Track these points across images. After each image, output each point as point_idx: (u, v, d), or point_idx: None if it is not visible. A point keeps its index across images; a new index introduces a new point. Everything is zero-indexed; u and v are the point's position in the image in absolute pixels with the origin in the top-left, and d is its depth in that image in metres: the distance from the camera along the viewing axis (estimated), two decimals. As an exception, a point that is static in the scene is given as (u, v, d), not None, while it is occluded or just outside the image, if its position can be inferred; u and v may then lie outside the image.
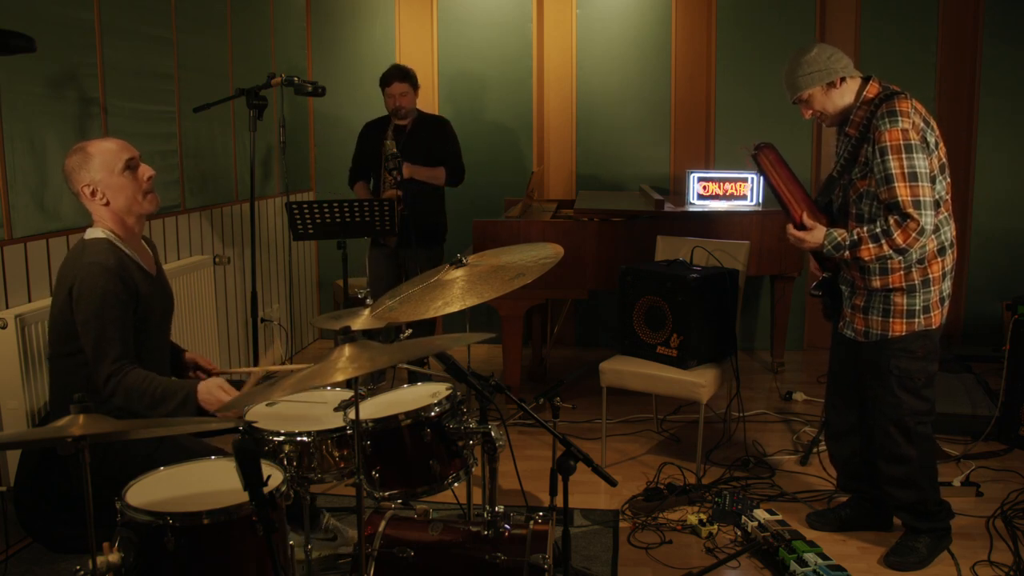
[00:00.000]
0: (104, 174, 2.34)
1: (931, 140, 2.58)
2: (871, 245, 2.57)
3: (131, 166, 2.38)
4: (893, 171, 2.52)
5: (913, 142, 2.52)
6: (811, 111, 2.73)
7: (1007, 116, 5.08)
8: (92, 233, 2.39)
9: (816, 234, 2.69)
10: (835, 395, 2.97)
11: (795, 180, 2.78)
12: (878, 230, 2.56)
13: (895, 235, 2.53)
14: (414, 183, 4.16)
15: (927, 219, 2.51)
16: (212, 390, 2.31)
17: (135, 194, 2.39)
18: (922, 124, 2.57)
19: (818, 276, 2.91)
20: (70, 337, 2.32)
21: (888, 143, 2.53)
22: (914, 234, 2.51)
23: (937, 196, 2.59)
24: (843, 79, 2.66)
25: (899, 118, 2.54)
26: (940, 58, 5.12)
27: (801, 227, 2.73)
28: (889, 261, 2.62)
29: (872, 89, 2.66)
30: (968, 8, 5.05)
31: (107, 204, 2.37)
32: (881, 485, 2.84)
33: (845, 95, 2.68)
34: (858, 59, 5.13)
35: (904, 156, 2.52)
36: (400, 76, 4.27)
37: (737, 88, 5.29)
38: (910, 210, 2.50)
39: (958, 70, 5.11)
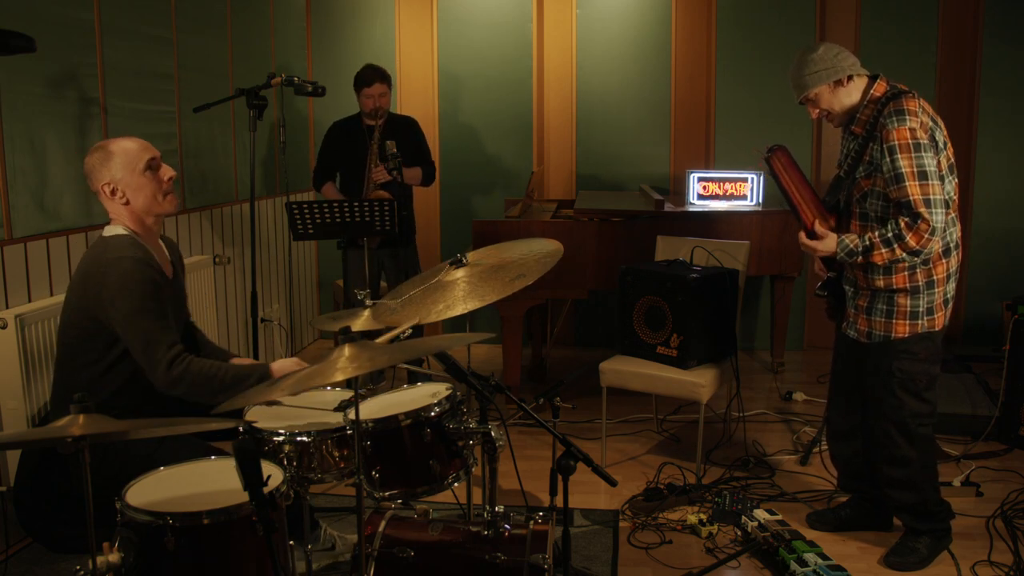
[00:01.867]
0: (125, 173, 2.34)
1: (939, 139, 2.57)
2: (884, 250, 2.56)
3: (152, 166, 2.38)
4: (903, 170, 2.51)
5: (922, 141, 2.51)
6: (818, 110, 2.72)
7: (1007, 116, 5.08)
8: (112, 230, 2.37)
9: (828, 242, 2.68)
10: (837, 395, 2.97)
11: (806, 183, 2.77)
12: (890, 234, 2.54)
13: (907, 238, 2.51)
14: (394, 183, 4.16)
15: (938, 218, 2.49)
16: (290, 367, 2.30)
17: (155, 194, 2.38)
18: (930, 123, 2.56)
19: (823, 276, 2.90)
20: (85, 335, 2.30)
21: (896, 142, 2.52)
22: (926, 235, 2.50)
23: (946, 196, 2.57)
24: (850, 77, 2.65)
25: (907, 117, 2.52)
26: (940, 58, 5.12)
27: (812, 235, 2.73)
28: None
29: (879, 88, 2.65)
30: (968, 8, 5.05)
31: (127, 203, 2.36)
32: (881, 486, 2.84)
33: (852, 93, 2.67)
34: (858, 59, 5.12)
35: (913, 155, 2.50)
36: (381, 77, 4.28)
37: (737, 88, 5.29)
38: (921, 209, 2.49)
39: (958, 70, 5.11)
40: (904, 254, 2.54)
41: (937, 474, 2.83)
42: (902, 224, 2.52)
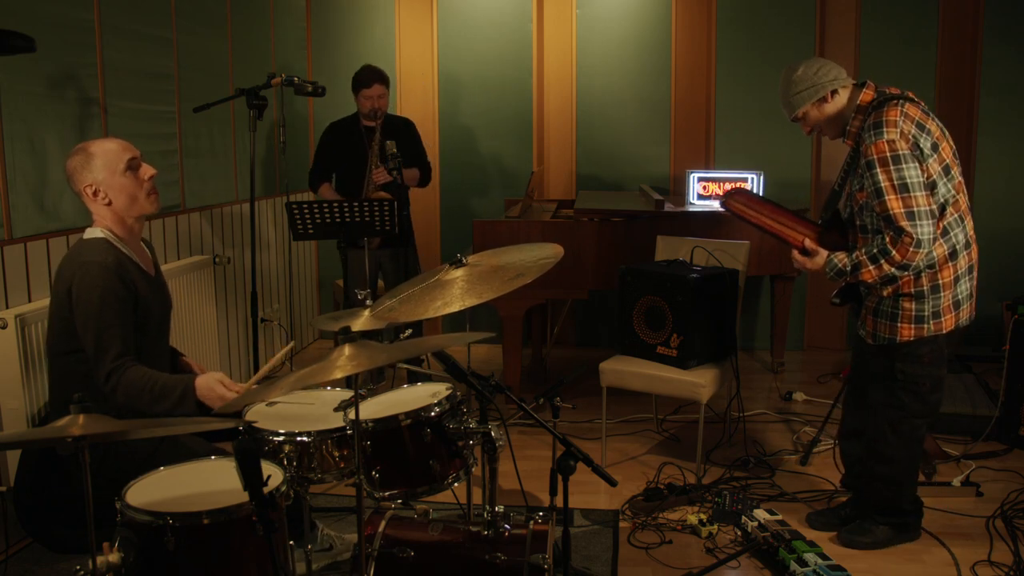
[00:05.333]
0: (106, 174, 2.35)
1: (926, 145, 2.54)
2: (871, 267, 2.57)
3: (132, 166, 2.39)
4: (882, 184, 2.51)
5: (900, 152, 2.50)
6: (809, 127, 2.75)
7: (1007, 116, 5.08)
8: (91, 233, 2.40)
9: (818, 260, 2.71)
10: (851, 394, 2.99)
11: (777, 208, 2.81)
12: (875, 250, 2.55)
13: (893, 253, 2.52)
14: (393, 184, 4.16)
15: (922, 230, 2.49)
16: (212, 385, 2.29)
17: (137, 193, 2.39)
18: (913, 130, 2.54)
19: (838, 283, 2.90)
20: (69, 336, 2.32)
21: (875, 156, 2.52)
22: (911, 249, 2.49)
23: (943, 200, 2.56)
24: (834, 92, 2.66)
25: (884, 129, 2.52)
26: (940, 58, 5.12)
27: (804, 252, 2.75)
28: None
29: (866, 96, 2.65)
30: (968, 8, 5.05)
31: (109, 204, 2.37)
32: (863, 478, 2.89)
33: (838, 106, 2.68)
34: (858, 59, 5.13)
35: (892, 168, 2.50)
36: (380, 78, 4.28)
37: (737, 88, 5.29)
38: (903, 223, 2.49)
39: (958, 70, 5.11)
40: (893, 269, 2.55)
41: (917, 474, 2.89)
42: (887, 239, 2.53)
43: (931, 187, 2.53)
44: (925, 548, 2.88)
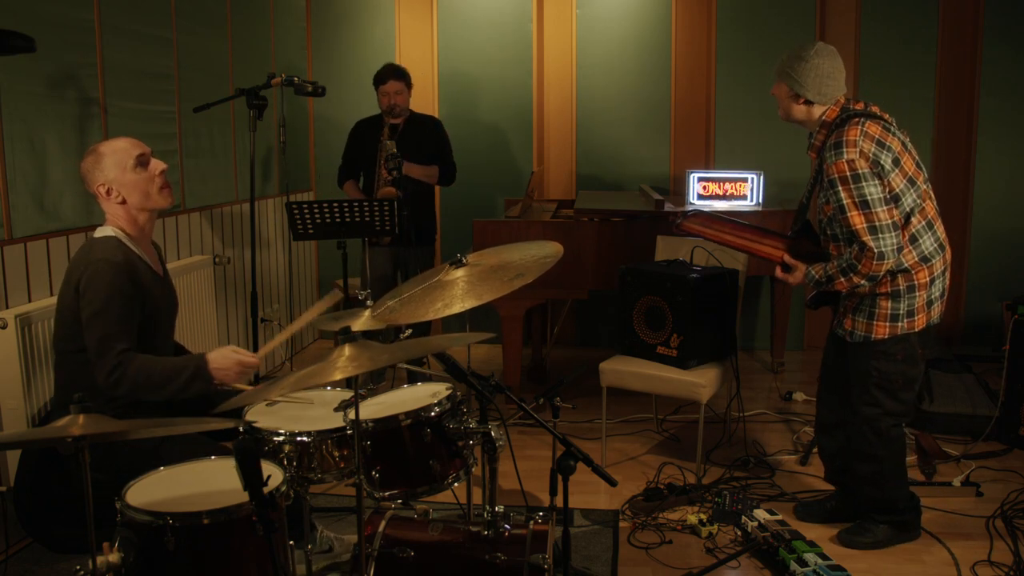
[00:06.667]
0: (117, 172, 2.37)
1: (887, 161, 2.61)
2: (842, 279, 2.67)
3: (142, 162, 2.41)
4: (844, 201, 2.61)
5: (860, 171, 2.58)
6: (773, 94, 2.84)
7: (1007, 116, 5.07)
8: (102, 231, 2.41)
9: (797, 274, 2.81)
10: (825, 390, 3.04)
11: (742, 227, 2.89)
12: (844, 264, 2.66)
13: (859, 267, 2.62)
14: (409, 182, 4.15)
15: (883, 243, 2.58)
16: (227, 354, 2.30)
17: (149, 189, 2.42)
18: (873, 148, 2.61)
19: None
20: (77, 333, 2.32)
21: (836, 175, 2.62)
22: (874, 262, 2.59)
23: (908, 209, 2.64)
24: (809, 101, 2.73)
25: (844, 149, 2.60)
26: (940, 58, 5.11)
27: (785, 268, 2.84)
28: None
29: (832, 112, 2.73)
30: (968, 8, 5.05)
31: (123, 202, 2.40)
32: (852, 482, 2.93)
33: (801, 112, 2.77)
34: (858, 59, 5.13)
35: (853, 186, 2.59)
36: (396, 74, 4.28)
37: (737, 88, 5.29)
38: (865, 238, 2.58)
39: (958, 70, 5.11)
40: (862, 280, 2.64)
41: (906, 472, 2.91)
42: (852, 254, 2.63)
43: (895, 199, 2.62)
44: (925, 548, 2.88)
